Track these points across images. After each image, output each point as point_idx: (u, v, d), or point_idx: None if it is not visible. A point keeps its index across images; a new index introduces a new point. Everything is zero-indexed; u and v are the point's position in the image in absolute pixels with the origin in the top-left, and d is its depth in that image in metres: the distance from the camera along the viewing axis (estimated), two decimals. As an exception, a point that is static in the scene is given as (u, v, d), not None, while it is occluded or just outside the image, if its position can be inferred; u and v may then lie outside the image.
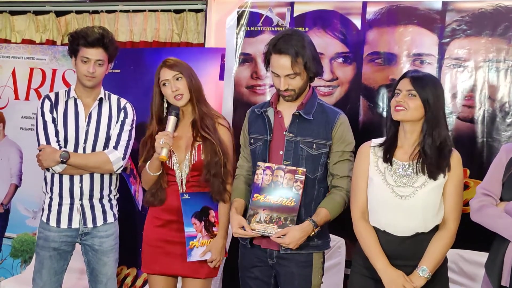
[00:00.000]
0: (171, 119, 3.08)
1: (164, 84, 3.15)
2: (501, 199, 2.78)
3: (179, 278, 3.26)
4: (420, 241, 2.68)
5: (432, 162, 2.65)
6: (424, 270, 2.63)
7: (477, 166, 3.55)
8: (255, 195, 2.90)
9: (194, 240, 3.11)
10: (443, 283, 2.79)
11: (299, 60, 2.83)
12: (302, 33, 2.97)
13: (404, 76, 2.76)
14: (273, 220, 2.82)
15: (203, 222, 3.14)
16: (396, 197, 2.69)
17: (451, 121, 3.60)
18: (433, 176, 2.65)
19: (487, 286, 2.78)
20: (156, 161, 3.05)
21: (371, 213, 2.79)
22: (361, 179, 2.82)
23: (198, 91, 3.18)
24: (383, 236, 2.74)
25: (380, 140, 2.85)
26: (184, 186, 3.16)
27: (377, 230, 2.76)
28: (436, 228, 2.71)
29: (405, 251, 2.70)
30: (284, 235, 2.77)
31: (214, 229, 3.16)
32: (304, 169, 2.85)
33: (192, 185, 3.16)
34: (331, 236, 3.13)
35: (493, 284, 2.71)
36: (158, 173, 3.12)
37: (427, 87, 2.66)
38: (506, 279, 2.65)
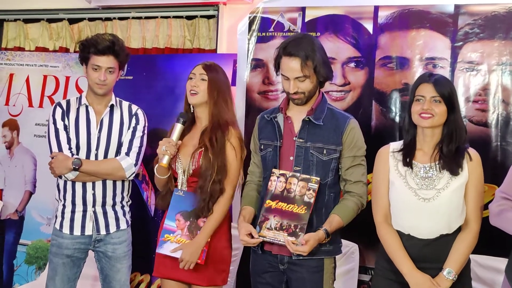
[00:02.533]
0: (178, 127, 3.08)
1: (190, 78, 3.17)
2: None
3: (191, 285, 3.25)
4: (445, 243, 2.68)
5: (450, 160, 2.67)
6: (450, 272, 2.64)
7: (491, 171, 3.50)
8: (267, 201, 2.88)
9: (171, 234, 3.07)
10: (467, 284, 2.79)
11: (308, 63, 2.83)
12: (313, 37, 2.97)
13: (423, 80, 2.75)
14: (284, 227, 2.81)
15: (188, 222, 3.10)
16: (419, 200, 2.70)
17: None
18: (454, 172, 2.66)
19: (507, 291, 2.76)
20: (161, 168, 3.06)
21: (394, 217, 2.79)
22: (382, 183, 2.82)
23: (217, 99, 3.12)
24: (407, 240, 2.74)
25: (398, 143, 2.86)
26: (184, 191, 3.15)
27: (401, 234, 2.76)
28: (459, 229, 2.71)
29: (429, 253, 2.70)
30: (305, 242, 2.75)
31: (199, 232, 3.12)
32: (318, 178, 2.84)
33: (192, 191, 3.13)
34: (345, 241, 3.12)
35: (514, 288, 2.69)
36: (165, 177, 3.11)
37: (450, 90, 2.69)
38: (528, 285, 2.63)
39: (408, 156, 2.76)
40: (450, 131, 2.69)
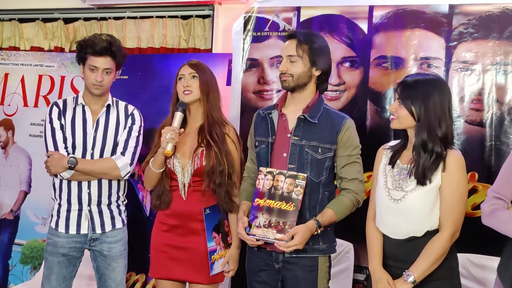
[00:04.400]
0: (178, 115, 3.10)
1: (179, 79, 3.18)
2: None
3: (187, 283, 3.26)
4: (415, 245, 2.66)
5: (420, 169, 2.62)
6: (409, 276, 2.61)
7: (485, 170, 3.53)
8: (256, 199, 2.89)
9: (215, 253, 3.12)
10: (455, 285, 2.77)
11: (304, 46, 2.88)
12: (322, 36, 3.04)
13: (401, 81, 2.76)
14: (272, 225, 2.81)
15: (220, 234, 3.15)
16: (391, 200, 2.70)
17: (459, 124, 3.59)
18: (420, 182, 2.62)
19: (499, 290, 2.76)
20: (161, 156, 3.07)
21: (376, 215, 2.81)
22: (375, 180, 2.85)
23: (213, 98, 3.18)
24: (386, 238, 2.76)
25: (395, 142, 2.86)
26: (186, 191, 3.15)
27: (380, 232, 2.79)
28: (434, 233, 2.66)
29: (401, 254, 2.70)
30: (292, 236, 2.76)
31: (228, 238, 3.18)
32: (305, 175, 2.84)
33: (194, 190, 3.15)
34: (340, 241, 3.12)
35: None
36: (161, 170, 3.12)
37: (414, 95, 2.63)
38: (520, 283, 2.63)
39: (395, 155, 2.77)
40: (418, 134, 2.64)
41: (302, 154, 2.89)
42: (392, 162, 2.75)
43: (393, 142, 2.87)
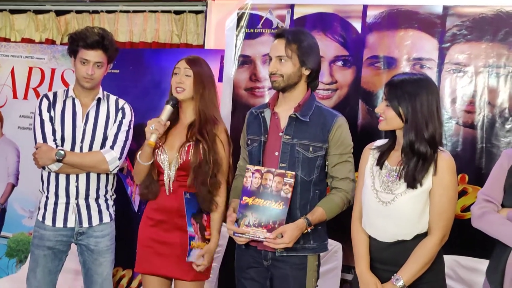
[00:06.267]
0: (167, 108, 3.08)
1: (175, 74, 3.16)
2: (503, 205, 2.75)
3: (173, 279, 3.24)
4: (403, 248, 2.62)
5: (409, 171, 2.57)
6: (398, 280, 2.59)
7: (476, 172, 3.54)
8: (244, 198, 2.86)
9: (193, 240, 3.08)
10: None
11: (293, 45, 2.86)
12: (310, 34, 3.02)
13: (387, 81, 2.70)
14: (262, 224, 2.79)
15: (198, 224, 3.12)
16: (379, 202, 2.65)
17: (451, 126, 3.60)
18: (410, 185, 2.57)
19: (488, 293, 2.76)
20: (147, 148, 3.05)
21: (363, 217, 2.77)
22: (361, 180, 2.80)
23: (208, 96, 3.14)
24: (372, 240, 2.72)
25: (383, 141, 2.80)
26: (171, 185, 3.13)
27: (367, 234, 2.75)
28: (422, 236, 2.62)
29: (388, 257, 2.66)
30: (281, 235, 2.74)
31: (206, 233, 3.14)
32: (293, 173, 2.82)
33: (180, 185, 3.12)
34: (328, 240, 3.10)
35: (495, 291, 2.69)
36: (149, 163, 3.10)
37: (401, 95, 2.58)
38: (508, 287, 2.62)
39: (382, 156, 2.72)
40: (406, 136, 2.59)
41: (293, 152, 2.88)
42: (380, 163, 2.70)
43: (379, 142, 2.81)
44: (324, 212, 2.85)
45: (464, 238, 3.27)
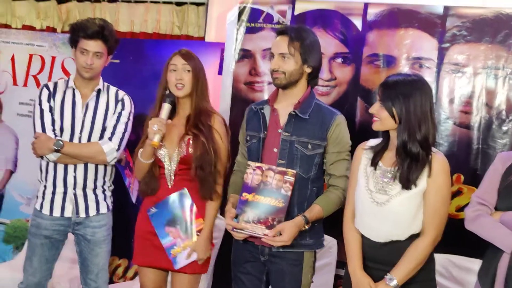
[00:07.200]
0: (165, 106, 3.08)
1: (171, 70, 3.15)
2: (496, 209, 2.76)
3: (170, 271, 3.26)
4: (396, 249, 2.63)
5: (404, 172, 2.58)
6: (391, 279, 2.60)
7: (471, 173, 3.56)
8: (244, 194, 2.87)
9: (175, 247, 3.11)
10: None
11: (296, 43, 2.87)
12: (312, 31, 3.02)
13: (382, 83, 2.70)
14: (261, 220, 2.81)
15: (178, 226, 3.14)
16: (373, 203, 2.66)
17: (448, 126, 3.61)
18: (405, 186, 2.58)
19: (479, 295, 2.78)
20: (149, 148, 3.05)
21: (356, 216, 2.77)
22: (353, 180, 2.80)
23: (201, 89, 3.16)
24: (365, 239, 2.73)
25: (376, 141, 2.79)
26: (172, 179, 3.15)
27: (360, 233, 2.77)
28: (415, 237, 2.63)
29: (381, 256, 2.67)
30: (280, 233, 2.76)
31: (194, 226, 3.15)
32: (295, 171, 2.84)
33: (181, 179, 3.14)
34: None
35: (486, 293, 2.71)
36: (150, 161, 3.11)
37: (394, 96, 2.58)
38: (499, 290, 2.64)
39: (376, 156, 2.71)
40: (400, 137, 2.59)
41: (292, 149, 2.89)
42: (374, 163, 2.70)
43: (372, 141, 2.80)
44: (322, 210, 2.88)
45: (458, 237, 3.28)
